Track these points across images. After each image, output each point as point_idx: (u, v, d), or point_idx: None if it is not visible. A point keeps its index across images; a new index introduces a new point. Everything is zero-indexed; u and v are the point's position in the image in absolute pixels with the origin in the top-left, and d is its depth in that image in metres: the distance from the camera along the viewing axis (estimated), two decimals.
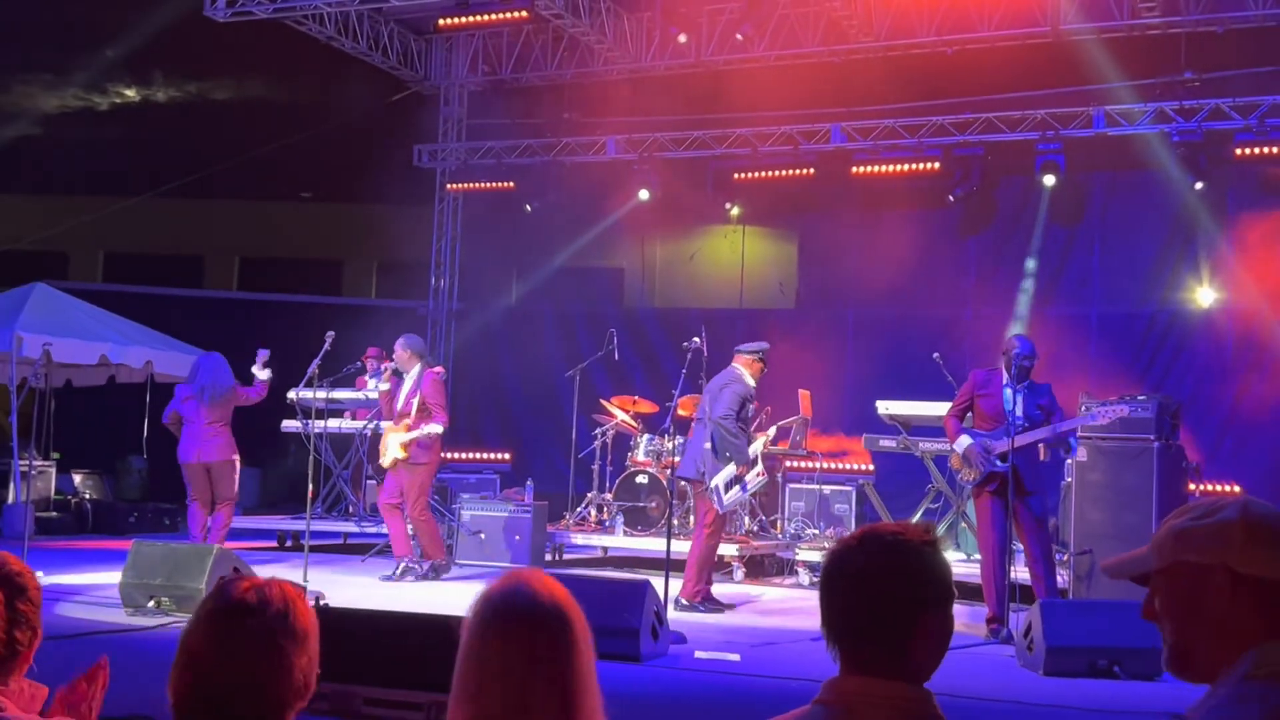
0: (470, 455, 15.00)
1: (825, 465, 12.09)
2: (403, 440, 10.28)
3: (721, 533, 9.55)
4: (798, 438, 11.66)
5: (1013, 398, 8.07)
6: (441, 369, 10.96)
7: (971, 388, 8.40)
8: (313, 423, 11.44)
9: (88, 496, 14.79)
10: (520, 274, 17.57)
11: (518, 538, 11.45)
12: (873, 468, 12.46)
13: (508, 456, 14.77)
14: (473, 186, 17.03)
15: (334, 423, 12.64)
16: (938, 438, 10.42)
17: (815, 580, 10.68)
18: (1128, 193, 14.87)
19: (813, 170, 15.32)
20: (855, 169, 15.11)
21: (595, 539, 12.16)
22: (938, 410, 10.25)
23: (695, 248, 17.36)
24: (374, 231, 19.13)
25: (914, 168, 14.83)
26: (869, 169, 15.07)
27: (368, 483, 12.95)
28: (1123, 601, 7.03)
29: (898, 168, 14.95)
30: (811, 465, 11.87)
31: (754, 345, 9.44)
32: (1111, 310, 14.65)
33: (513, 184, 16.49)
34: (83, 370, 14.38)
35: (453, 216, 17.56)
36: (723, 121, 15.72)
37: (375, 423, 12.06)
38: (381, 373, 11.03)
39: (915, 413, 11.24)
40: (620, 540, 11.68)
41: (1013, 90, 14.51)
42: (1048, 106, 14.29)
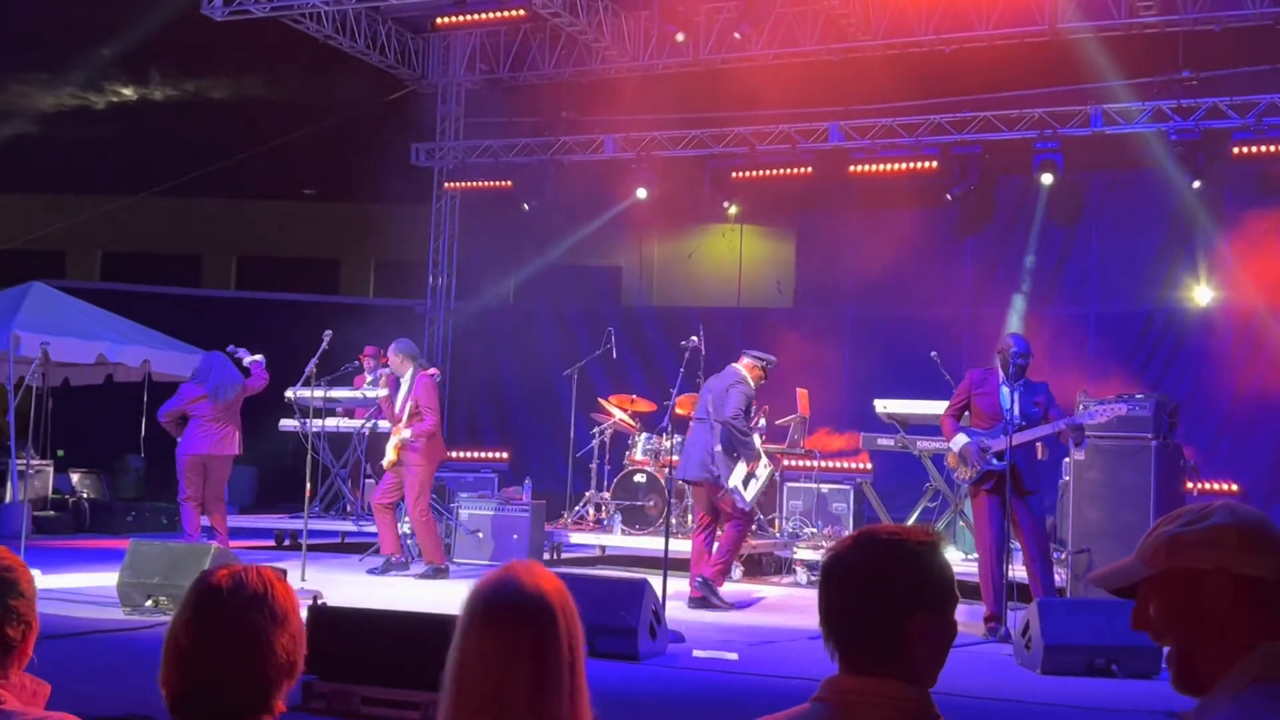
0: (468, 454, 15.00)
1: (823, 464, 12.08)
2: (395, 443, 10.34)
3: (751, 524, 9.70)
4: (796, 436, 11.67)
5: (1010, 396, 8.06)
6: (436, 371, 10.96)
7: (968, 387, 8.39)
8: (310, 422, 11.44)
9: (85, 495, 14.77)
10: (518, 273, 17.56)
11: (516, 536, 11.44)
12: (871, 466, 12.46)
13: (506, 455, 14.76)
14: (470, 185, 17.03)
15: (331, 422, 12.63)
16: (935, 436, 10.42)
17: (813, 579, 10.69)
18: (1125, 191, 14.88)
19: (810, 169, 15.33)
20: (853, 168, 15.12)
21: (593, 538, 12.15)
22: (935, 409, 10.25)
23: (693, 246, 17.36)
24: (371, 230, 19.12)
25: (912, 166, 14.84)
26: (867, 168, 15.07)
27: (365, 481, 12.95)
28: (1120, 600, 7.00)
29: (896, 166, 14.95)
30: (810, 464, 11.87)
31: (763, 354, 9.47)
32: (1109, 309, 14.66)
33: (510, 183, 16.48)
34: (80, 369, 14.37)
35: (450, 215, 17.55)
36: (721, 120, 15.72)
37: (373, 422, 12.07)
38: (378, 377, 11.02)
39: (913, 411, 11.23)
40: (618, 539, 11.68)
41: (1010, 89, 14.52)
42: (1045, 105, 14.30)
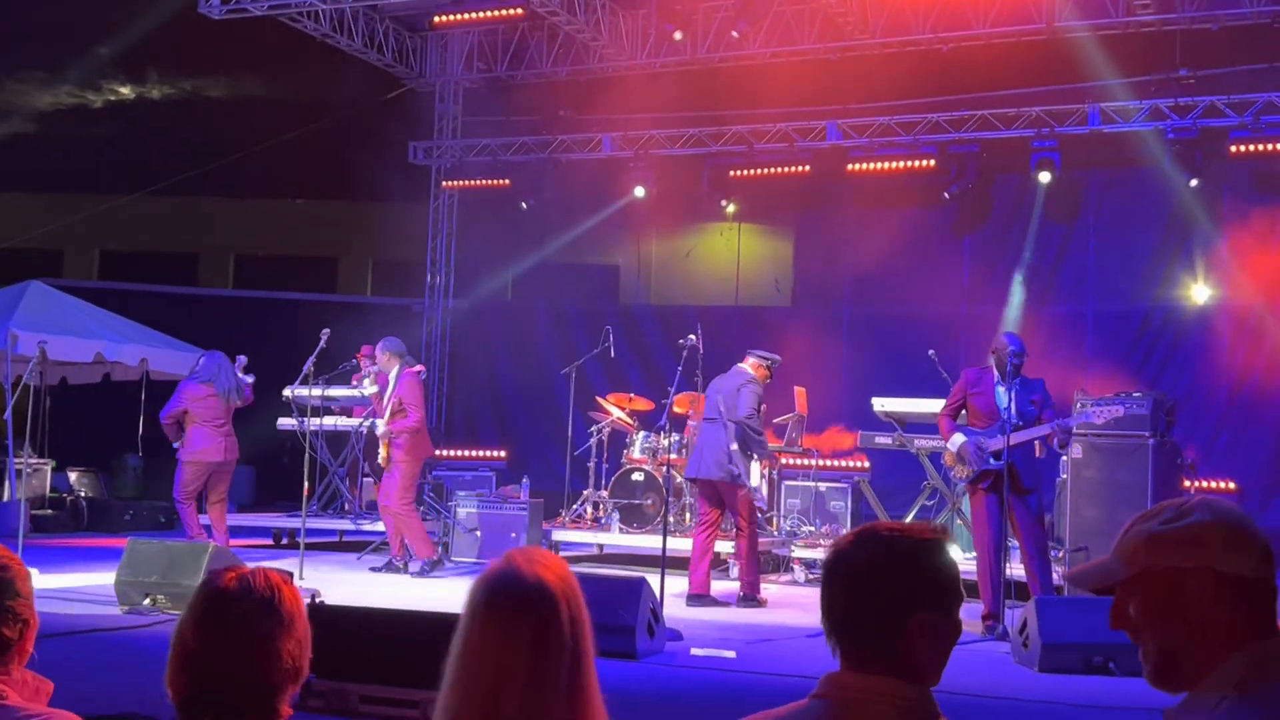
0: (466, 452, 15.00)
1: (821, 462, 12.08)
2: (383, 441, 10.38)
3: (757, 527, 9.78)
4: (794, 435, 11.66)
5: (1006, 395, 8.06)
6: (422, 367, 10.94)
7: (964, 387, 8.38)
8: (308, 420, 11.42)
9: (83, 494, 14.77)
10: (516, 271, 17.55)
11: (514, 535, 11.44)
12: (868, 465, 12.46)
13: (504, 454, 14.76)
14: (468, 184, 17.02)
15: (329, 420, 12.62)
16: (933, 435, 10.41)
17: (811, 577, 10.72)
18: (1123, 190, 14.89)
19: (808, 167, 15.34)
20: (851, 166, 15.13)
21: (591, 536, 12.15)
22: (933, 407, 10.25)
23: (691, 245, 17.36)
24: (369, 229, 19.11)
25: (909, 165, 14.85)
26: (865, 166, 15.08)
27: (363, 480, 12.95)
28: None
29: (893, 165, 14.96)
30: (808, 463, 11.87)
31: (768, 354, 9.48)
32: (1107, 307, 14.66)
33: (508, 181, 16.48)
34: (78, 368, 14.37)
35: (448, 214, 17.54)
36: (718, 119, 15.73)
37: (371, 420, 12.06)
38: (369, 375, 11.01)
39: (911, 410, 11.23)
40: (616, 537, 11.68)
41: (1008, 87, 14.53)
42: (1043, 104, 14.31)
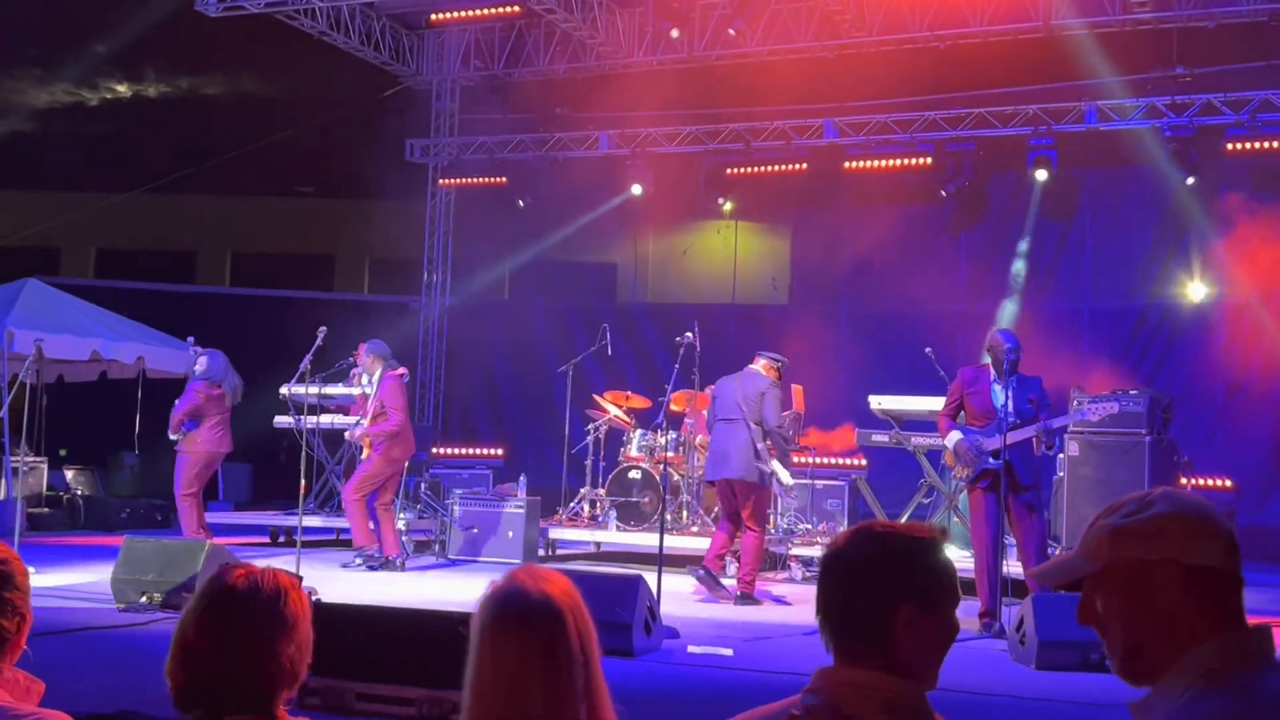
0: (463, 450, 15.00)
1: (818, 460, 12.08)
2: (362, 441, 10.64)
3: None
4: (790, 432, 11.66)
5: (1002, 393, 8.05)
6: (404, 370, 10.99)
7: (960, 386, 8.37)
8: (305, 418, 11.41)
9: (79, 492, 14.76)
10: (513, 269, 17.55)
11: (510, 533, 11.45)
12: (865, 462, 12.47)
13: (500, 452, 14.76)
14: (465, 181, 17.02)
15: (325, 418, 12.61)
16: (930, 433, 10.42)
17: (808, 575, 10.72)
18: (1120, 187, 14.90)
19: (805, 165, 15.34)
20: (848, 164, 15.13)
21: (588, 534, 12.16)
22: (930, 405, 10.26)
23: (688, 243, 17.36)
24: (366, 227, 19.10)
25: (906, 163, 14.85)
26: (862, 164, 15.08)
27: None
28: None
29: (890, 163, 14.96)
30: (805, 461, 11.87)
31: (777, 355, 9.51)
32: (1103, 305, 14.68)
33: (505, 179, 16.48)
34: (74, 366, 14.36)
35: (445, 211, 17.54)
36: (715, 117, 15.73)
37: (360, 419, 12.09)
38: (364, 374, 11.07)
39: (908, 408, 11.23)
40: (613, 535, 11.68)
41: (1005, 85, 14.54)
42: (1040, 102, 14.32)
